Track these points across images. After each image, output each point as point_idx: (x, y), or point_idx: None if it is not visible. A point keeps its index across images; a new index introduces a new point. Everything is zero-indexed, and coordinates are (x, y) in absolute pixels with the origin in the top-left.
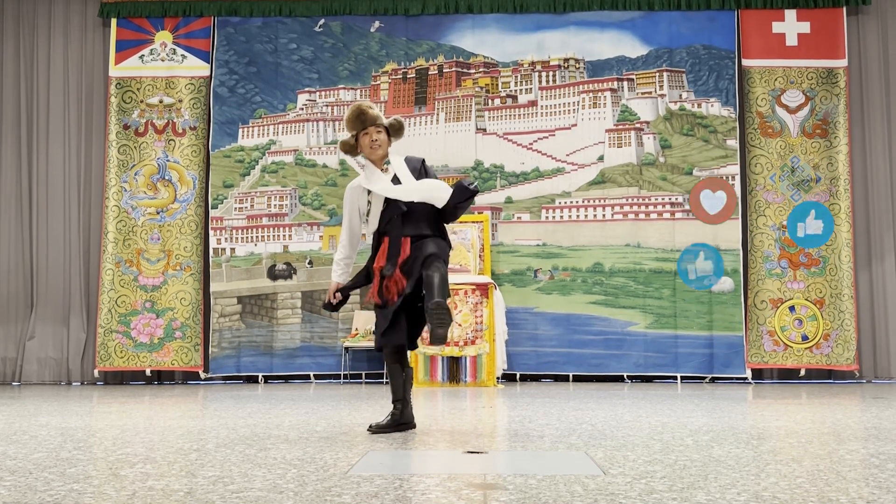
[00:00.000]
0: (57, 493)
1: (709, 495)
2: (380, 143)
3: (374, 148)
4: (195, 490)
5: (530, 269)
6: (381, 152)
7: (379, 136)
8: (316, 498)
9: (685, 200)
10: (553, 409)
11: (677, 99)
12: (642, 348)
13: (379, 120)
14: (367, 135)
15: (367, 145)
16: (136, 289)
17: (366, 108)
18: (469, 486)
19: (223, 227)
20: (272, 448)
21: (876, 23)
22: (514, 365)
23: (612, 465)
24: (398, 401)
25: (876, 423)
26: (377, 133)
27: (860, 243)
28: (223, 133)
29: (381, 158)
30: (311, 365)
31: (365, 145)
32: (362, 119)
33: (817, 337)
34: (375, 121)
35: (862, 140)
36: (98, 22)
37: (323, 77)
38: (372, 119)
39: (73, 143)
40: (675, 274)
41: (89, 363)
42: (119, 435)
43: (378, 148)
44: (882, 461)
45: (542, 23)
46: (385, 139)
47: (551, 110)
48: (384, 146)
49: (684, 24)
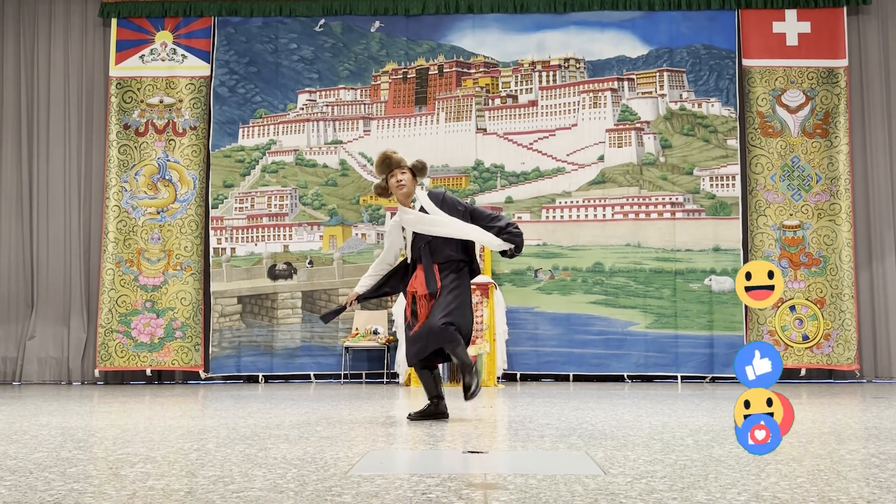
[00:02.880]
0: (57, 493)
1: (709, 495)
2: (404, 182)
3: (400, 187)
4: (195, 490)
5: (531, 269)
6: (405, 190)
7: (403, 176)
8: (316, 498)
9: (686, 200)
10: (553, 408)
11: (678, 99)
12: (643, 348)
13: (403, 163)
14: (393, 176)
15: (394, 186)
16: (137, 289)
17: (390, 154)
18: (469, 486)
19: (223, 227)
20: (272, 448)
21: (876, 23)
22: (514, 365)
23: (612, 464)
24: (434, 397)
25: (876, 422)
26: (401, 174)
27: (860, 243)
28: (223, 133)
29: (407, 196)
30: (311, 365)
31: (392, 186)
32: (388, 163)
33: (818, 337)
34: (399, 164)
35: (862, 140)
36: (98, 22)
37: (323, 77)
38: (396, 162)
39: (73, 143)
40: (676, 274)
41: (90, 363)
42: (119, 435)
43: (403, 187)
44: (882, 461)
45: (543, 23)
46: (409, 178)
47: (551, 110)
48: (409, 185)
49: (684, 23)
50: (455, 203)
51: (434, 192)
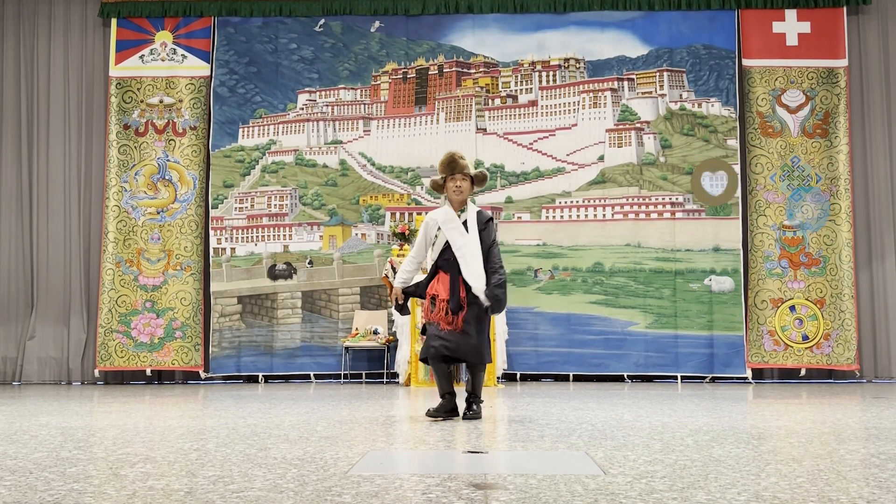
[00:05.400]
0: (57, 493)
1: (709, 495)
2: (462, 189)
3: (457, 193)
4: (195, 490)
5: (531, 269)
6: (461, 198)
7: (464, 183)
8: (316, 498)
9: (686, 200)
10: (553, 408)
11: (678, 99)
12: (642, 348)
13: (466, 169)
14: (454, 180)
15: (452, 189)
16: (137, 288)
17: (458, 158)
18: (469, 486)
19: (223, 227)
20: (272, 448)
21: (876, 23)
22: (514, 365)
23: (612, 464)
24: (447, 393)
25: (876, 422)
26: (462, 180)
27: (860, 243)
28: (223, 133)
29: (460, 203)
30: (311, 365)
31: (449, 189)
32: (452, 166)
33: (818, 337)
34: (463, 170)
35: (862, 140)
36: (98, 22)
37: (323, 77)
38: (461, 168)
39: (73, 143)
40: (676, 274)
41: (90, 363)
42: (119, 435)
43: (460, 193)
44: (882, 461)
45: (543, 23)
46: (468, 187)
47: (551, 110)
48: (465, 192)
49: (684, 23)
50: (492, 232)
51: (483, 213)
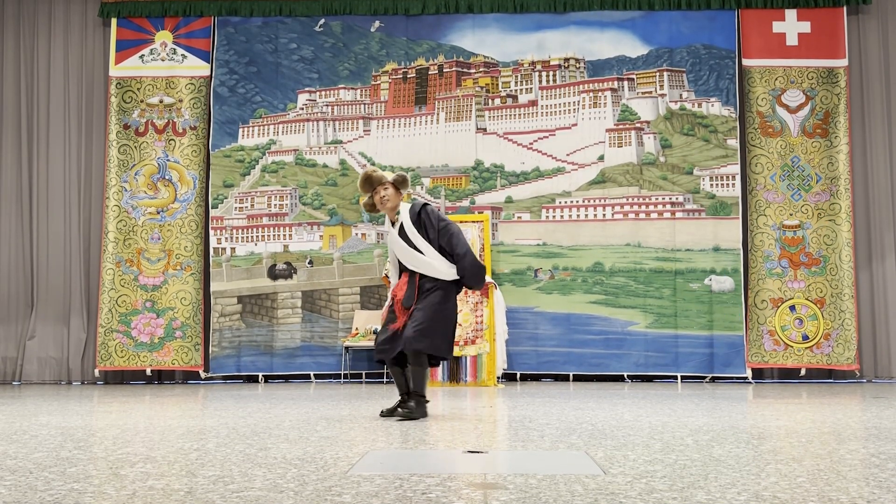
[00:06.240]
0: (57, 493)
1: (709, 495)
2: (388, 197)
3: (384, 203)
4: (195, 489)
5: (530, 269)
6: (390, 205)
7: (386, 192)
8: (316, 497)
9: (686, 200)
10: (553, 408)
11: (678, 98)
12: (642, 348)
13: (384, 179)
14: (377, 193)
15: (379, 202)
16: (137, 288)
17: (370, 173)
18: (469, 486)
19: (223, 227)
20: (272, 447)
21: (876, 22)
22: (514, 364)
23: (612, 464)
24: (404, 394)
25: (876, 422)
26: (384, 190)
27: (860, 243)
28: (223, 133)
29: (392, 210)
30: (311, 364)
31: (377, 202)
32: (369, 182)
33: (818, 336)
34: (381, 181)
35: (862, 140)
36: (98, 22)
37: (323, 77)
38: (377, 180)
39: (73, 142)
40: (676, 273)
41: (90, 363)
42: (119, 434)
43: (387, 202)
44: (882, 461)
45: (543, 22)
46: (392, 193)
47: (551, 110)
48: (393, 199)
49: (684, 23)
50: (430, 219)
51: (413, 205)
